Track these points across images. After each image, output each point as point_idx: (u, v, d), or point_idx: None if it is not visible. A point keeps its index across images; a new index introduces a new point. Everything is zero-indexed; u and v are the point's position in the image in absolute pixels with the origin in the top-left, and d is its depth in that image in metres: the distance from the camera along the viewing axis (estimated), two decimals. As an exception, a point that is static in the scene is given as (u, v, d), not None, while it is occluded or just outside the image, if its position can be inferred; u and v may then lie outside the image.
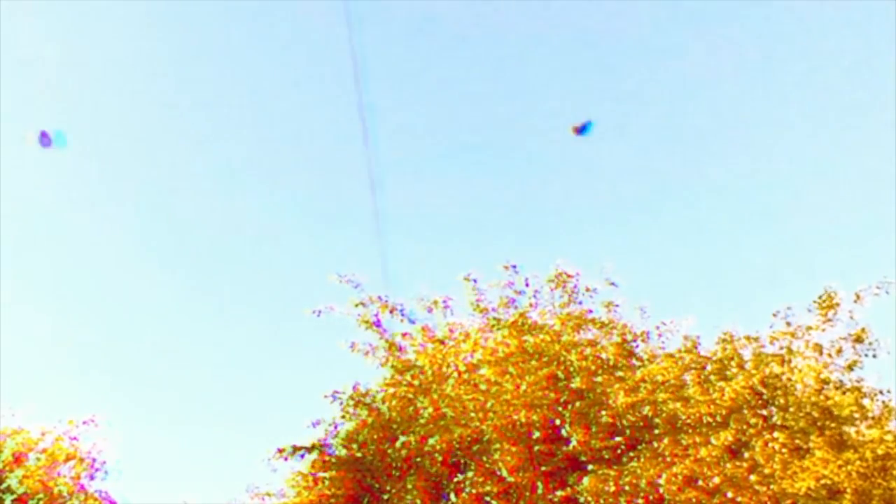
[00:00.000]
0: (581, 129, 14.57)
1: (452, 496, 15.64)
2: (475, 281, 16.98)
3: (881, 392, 15.07)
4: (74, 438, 21.40)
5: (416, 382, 16.31)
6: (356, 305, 16.87)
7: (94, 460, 21.48)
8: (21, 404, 21.38)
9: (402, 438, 16.07)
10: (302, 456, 17.33)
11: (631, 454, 14.13)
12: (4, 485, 20.17)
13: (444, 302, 16.69)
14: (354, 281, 17.14)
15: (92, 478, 21.47)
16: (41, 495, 20.20)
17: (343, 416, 17.17)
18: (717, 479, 12.56)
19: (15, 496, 20.06)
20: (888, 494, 13.62)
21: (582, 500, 13.45)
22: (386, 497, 15.98)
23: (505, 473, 15.09)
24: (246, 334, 66.04)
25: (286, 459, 17.21)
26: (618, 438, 15.13)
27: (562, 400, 15.82)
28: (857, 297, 14.56)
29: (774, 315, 15.80)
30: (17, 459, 20.60)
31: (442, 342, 16.58)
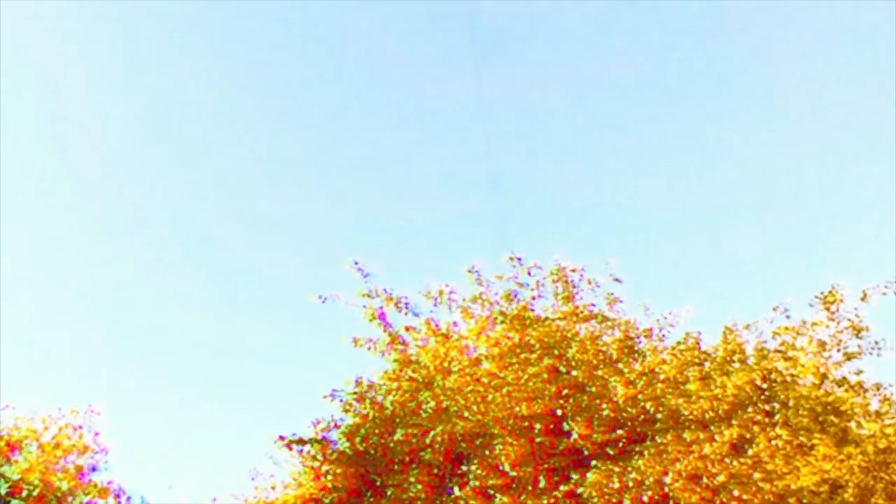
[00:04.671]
0: None
1: (456, 489, 15.64)
2: (479, 274, 16.84)
3: (881, 386, 15.09)
4: (80, 427, 21.41)
5: (417, 377, 16.23)
6: (363, 296, 16.64)
7: (96, 451, 21.48)
8: (25, 393, 21.36)
9: (402, 430, 16.01)
10: (301, 451, 17.25)
11: (637, 448, 14.13)
12: None
13: (449, 294, 16.54)
14: (364, 270, 16.75)
15: (94, 468, 21.49)
16: (36, 482, 20.20)
17: (345, 410, 17.08)
18: (721, 477, 12.57)
19: (10, 483, 20.08)
20: (890, 489, 13.68)
21: (585, 495, 13.46)
22: (389, 491, 15.97)
23: (507, 467, 15.09)
24: (251, 323, 65.87)
25: (290, 448, 17.12)
26: (619, 432, 15.13)
27: (563, 392, 15.80)
28: (864, 295, 14.49)
29: (774, 310, 15.76)
30: (12, 447, 20.57)
31: (446, 336, 16.50)
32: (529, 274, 16.39)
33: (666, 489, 12.60)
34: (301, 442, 16.95)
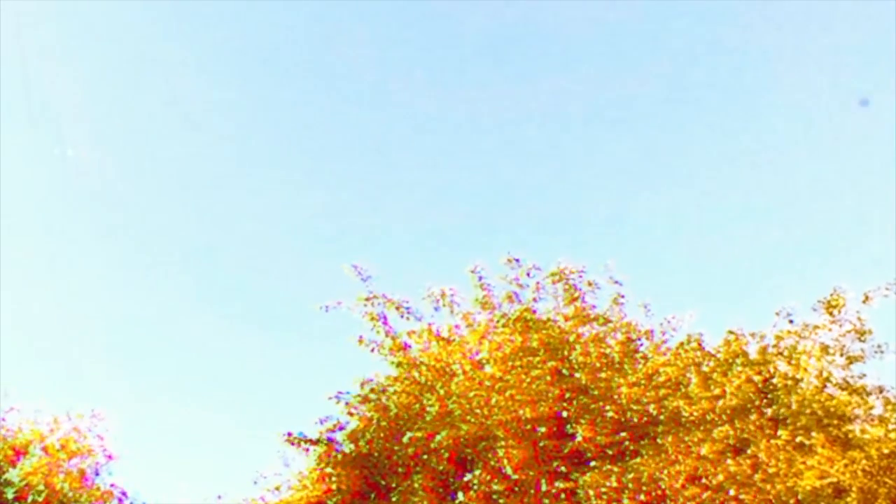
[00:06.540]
0: None
1: (460, 494, 15.66)
2: (480, 277, 16.84)
3: (884, 389, 15.05)
4: (89, 429, 21.59)
5: (421, 380, 16.26)
6: (364, 302, 16.63)
7: (100, 455, 21.64)
8: (29, 397, 21.58)
9: (409, 434, 16.02)
10: (307, 451, 17.25)
11: (633, 448, 14.14)
12: (3, 478, 20.32)
13: (451, 297, 16.55)
14: (363, 273, 16.67)
15: (97, 473, 21.62)
16: (42, 488, 20.33)
17: (350, 413, 17.10)
18: (720, 477, 12.57)
19: (15, 489, 20.21)
20: (894, 493, 13.62)
21: (582, 494, 13.48)
22: (393, 496, 16.01)
23: (510, 471, 15.11)
24: (256, 327, 66.16)
25: (296, 445, 17.09)
26: (623, 434, 15.13)
27: (566, 395, 15.82)
28: (866, 297, 14.48)
29: (777, 314, 15.79)
30: (17, 452, 20.73)
31: (448, 340, 16.52)
32: (528, 275, 16.42)
33: (663, 487, 12.61)
34: (308, 441, 16.91)
